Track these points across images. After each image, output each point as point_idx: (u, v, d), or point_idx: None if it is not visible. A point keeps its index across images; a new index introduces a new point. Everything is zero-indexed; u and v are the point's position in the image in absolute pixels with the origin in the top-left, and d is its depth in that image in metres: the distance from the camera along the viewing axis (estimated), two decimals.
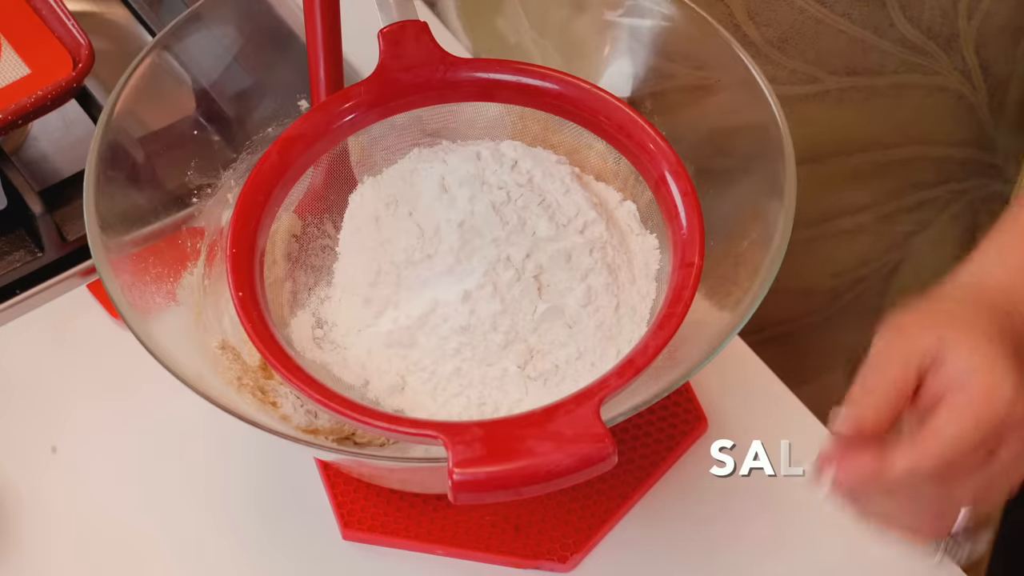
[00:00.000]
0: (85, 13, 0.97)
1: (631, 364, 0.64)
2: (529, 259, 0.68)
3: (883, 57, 0.90)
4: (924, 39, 0.90)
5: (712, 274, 0.71)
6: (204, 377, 0.69)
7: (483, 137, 0.75)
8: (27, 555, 0.77)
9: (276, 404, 0.73)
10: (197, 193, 0.79)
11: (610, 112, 0.72)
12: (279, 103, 0.83)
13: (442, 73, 0.73)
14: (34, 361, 0.84)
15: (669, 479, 0.79)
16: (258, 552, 0.78)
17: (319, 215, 0.77)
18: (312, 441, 0.72)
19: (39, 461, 0.80)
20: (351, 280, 0.72)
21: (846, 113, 0.86)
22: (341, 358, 0.70)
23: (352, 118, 0.73)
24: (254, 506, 0.79)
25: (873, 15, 0.89)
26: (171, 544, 0.78)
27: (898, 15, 0.88)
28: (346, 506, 0.78)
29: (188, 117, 0.82)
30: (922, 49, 0.90)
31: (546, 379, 0.68)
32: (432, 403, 0.68)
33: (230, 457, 0.80)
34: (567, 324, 0.69)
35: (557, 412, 0.61)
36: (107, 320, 0.85)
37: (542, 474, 0.59)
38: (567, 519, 0.78)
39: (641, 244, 0.72)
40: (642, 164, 0.72)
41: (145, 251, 0.74)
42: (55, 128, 0.92)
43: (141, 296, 0.71)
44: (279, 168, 0.71)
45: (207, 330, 0.75)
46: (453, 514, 0.78)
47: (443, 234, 0.69)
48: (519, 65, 0.73)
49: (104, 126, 0.73)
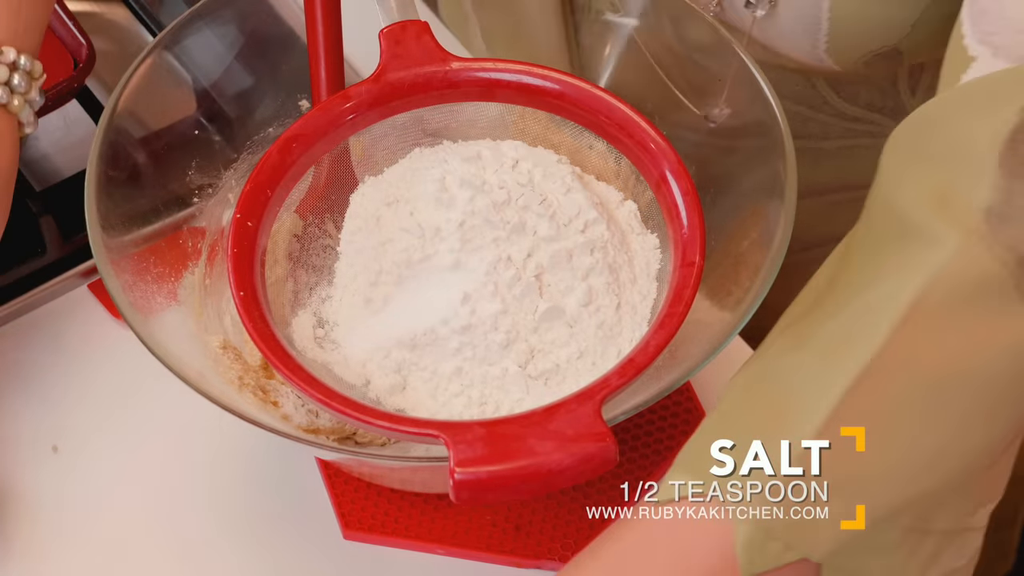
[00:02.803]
0: (86, 13, 0.97)
1: (632, 363, 0.64)
2: (530, 259, 0.68)
3: (825, 127, 0.91)
4: (865, 112, 0.90)
5: (713, 274, 0.71)
6: (205, 376, 0.69)
7: (484, 137, 0.75)
8: (27, 555, 0.77)
9: (277, 403, 0.73)
10: (198, 193, 0.79)
11: (611, 112, 0.72)
12: (280, 103, 0.83)
13: (443, 73, 0.73)
14: (35, 361, 0.84)
15: None
16: (259, 552, 0.78)
17: (320, 215, 0.77)
18: (313, 440, 0.72)
19: (39, 461, 0.80)
20: (352, 280, 0.72)
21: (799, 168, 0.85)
22: (342, 357, 0.70)
23: (353, 118, 0.73)
24: (255, 506, 0.79)
25: (804, 93, 0.89)
26: (171, 544, 0.78)
27: (831, 95, 0.89)
28: (347, 506, 0.78)
29: (189, 117, 0.82)
30: (865, 120, 0.90)
31: (547, 378, 0.68)
32: (433, 402, 0.68)
33: (231, 457, 0.80)
34: (568, 324, 0.69)
35: (558, 411, 0.61)
36: (108, 320, 0.85)
37: (543, 473, 0.59)
38: (568, 519, 0.78)
39: (642, 244, 0.72)
40: (643, 164, 0.72)
41: (146, 251, 0.74)
42: (56, 128, 0.92)
43: (142, 296, 0.71)
44: (280, 168, 0.71)
45: (208, 330, 0.75)
46: (454, 514, 0.78)
47: (444, 234, 0.69)
48: (520, 65, 0.73)
49: (105, 126, 0.73)
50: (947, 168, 0.63)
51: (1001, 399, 0.61)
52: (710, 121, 0.79)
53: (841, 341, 0.62)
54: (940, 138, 0.65)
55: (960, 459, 0.61)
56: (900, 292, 0.61)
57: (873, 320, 0.61)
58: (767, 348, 0.64)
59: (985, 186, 0.61)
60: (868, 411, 0.60)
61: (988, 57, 0.65)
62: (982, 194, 0.61)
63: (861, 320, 0.62)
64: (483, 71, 0.73)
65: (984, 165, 0.62)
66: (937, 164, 0.64)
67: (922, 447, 0.61)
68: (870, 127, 0.76)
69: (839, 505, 0.60)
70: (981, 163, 0.62)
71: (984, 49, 0.65)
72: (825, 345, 0.62)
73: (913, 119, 0.67)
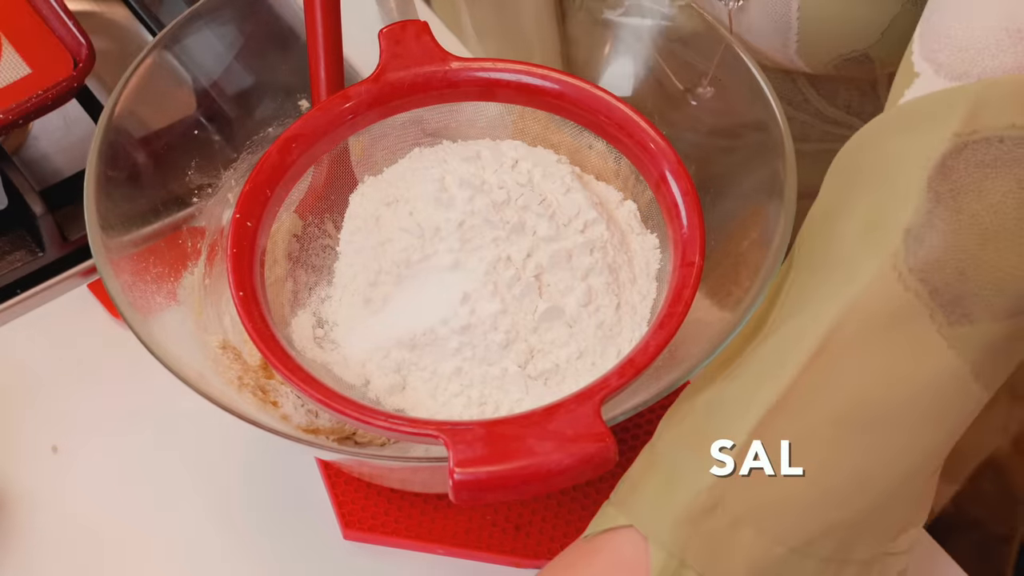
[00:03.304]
0: (86, 13, 0.97)
1: (632, 363, 0.64)
2: (530, 259, 0.68)
3: (804, 127, 0.90)
4: (844, 115, 0.90)
5: (712, 274, 0.71)
6: (205, 377, 0.69)
7: (483, 137, 0.75)
8: (27, 555, 0.77)
9: (277, 404, 0.73)
10: (198, 193, 0.79)
11: (610, 111, 0.72)
12: (280, 103, 0.83)
13: (442, 73, 0.73)
14: (34, 361, 0.84)
15: None
16: (259, 552, 0.78)
17: (320, 215, 0.77)
18: (313, 441, 0.72)
19: (39, 461, 0.80)
20: (352, 280, 0.72)
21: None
22: (342, 357, 0.70)
23: (352, 118, 0.73)
24: (255, 506, 0.79)
25: (785, 90, 0.89)
26: (171, 544, 0.78)
27: (811, 93, 0.89)
28: (347, 506, 0.78)
29: (189, 117, 0.82)
30: (844, 123, 0.90)
31: (547, 379, 0.68)
32: (433, 402, 0.68)
33: (231, 457, 0.80)
34: (567, 324, 0.69)
35: (558, 411, 0.61)
36: (108, 320, 0.85)
37: (543, 473, 0.59)
38: (568, 519, 0.78)
39: (642, 243, 0.72)
40: (642, 163, 0.72)
41: (146, 251, 0.74)
42: (56, 128, 0.92)
43: (142, 296, 0.71)
44: (280, 168, 0.71)
45: (208, 330, 0.75)
46: (454, 514, 0.78)
47: (443, 234, 0.69)
48: (519, 64, 0.73)
49: (105, 126, 0.73)
50: (878, 190, 0.64)
51: (919, 430, 0.62)
52: (692, 99, 0.79)
53: (764, 369, 0.63)
54: (876, 160, 0.65)
55: (879, 489, 0.62)
56: (815, 323, 0.62)
57: (790, 349, 0.62)
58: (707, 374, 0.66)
59: (910, 209, 0.62)
60: (779, 443, 0.61)
61: (930, 74, 0.65)
62: (905, 216, 0.61)
63: (780, 349, 0.62)
64: (483, 71, 0.73)
65: (911, 188, 0.62)
66: (870, 187, 0.64)
67: (837, 476, 0.61)
68: (847, 132, 0.76)
69: (753, 533, 0.60)
70: (908, 185, 0.62)
71: (927, 66, 0.65)
72: (746, 378, 0.63)
73: (854, 141, 0.67)
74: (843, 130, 0.90)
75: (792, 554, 0.60)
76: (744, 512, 0.61)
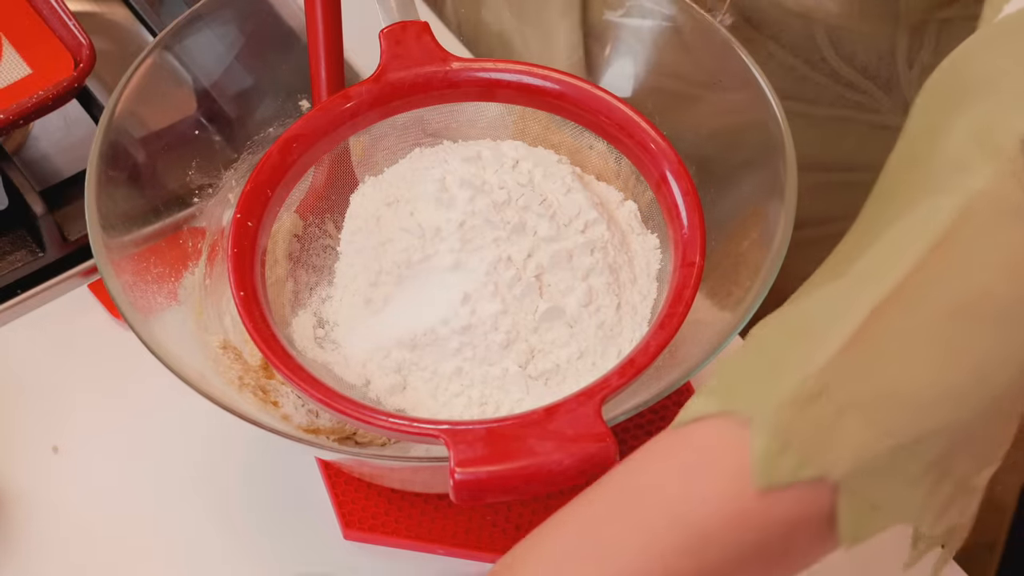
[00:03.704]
0: (86, 13, 0.97)
1: (632, 364, 0.64)
2: (530, 259, 0.69)
3: (818, 89, 0.89)
4: (860, 78, 0.89)
5: (713, 274, 0.71)
6: (205, 377, 0.69)
7: (484, 137, 0.75)
8: (27, 555, 0.77)
9: (277, 404, 0.73)
10: (198, 193, 0.79)
11: (611, 112, 0.72)
12: (280, 103, 0.83)
13: (443, 73, 0.73)
14: (35, 361, 0.84)
15: None
16: (259, 552, 0.78)
17: (320, 215, 0.77)
18: (313, 441, 0.72)
19: (39, 461, 0.80)
20: (352, 280, 0.72)
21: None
22: (342, 357, 0.70)
23: (353, 118, 0.73)
24: (255, 506, 0.79)
25: (803, 44, 0.88)
26: (172, 544, 0.78)
27: (829, 51, 0.87)
28: (347, 506, 0.78)
29: (189, 117, 0.82)
30: (859, 87, 0.89)
31: (547, 379, 0.68)
32: (433, 403, 0.68)
33: (231, 457, 0.80)
34: (568, 324, 0.69)
35: (558, 412, 0.61)
36: (108, 320, 0.85)
37: (543, 474, 0.59)
38: None
39: (642, 244, 0.72)
40: (643, 164, 0.72)
41: (146, 251, 0.74)
42: (56, 128, 0.92)
43: (142, 296, 0.71)
44: (280, 168, 0.71)
45: (208, 330, 0.75)
46: (454, 514, 0.78)
47: (444, 234, 0.69)
48: (520, 65, 0.73)
49: (105, 126, 0.73)
50: (985, 101, 0.61)
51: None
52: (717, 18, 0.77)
53: (872, 269, 0.59)
54: (980, 73, 0.62)
55: (995, 387, 0.59)
56: (936, 214, 0.59)
57: (907, 243, 0.59)
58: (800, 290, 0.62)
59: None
60: (894, 334, 0.58)
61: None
62: (1021, 124, 0.59)
63: (892, 247, 0.59)
64: (483, 71, 0.73)
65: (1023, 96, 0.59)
66: (973, 100, 0.61)
67: (955, 372, 0.58)
68: (861, 98, 0.75)
69: (861, 423, 0.57)
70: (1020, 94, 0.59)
71: None
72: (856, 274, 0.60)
73: (948, 61, 0.64)
74: (856, 95, 0.88)
75: (900, 450, 0.58)
76: (852, 401, 0.57)
